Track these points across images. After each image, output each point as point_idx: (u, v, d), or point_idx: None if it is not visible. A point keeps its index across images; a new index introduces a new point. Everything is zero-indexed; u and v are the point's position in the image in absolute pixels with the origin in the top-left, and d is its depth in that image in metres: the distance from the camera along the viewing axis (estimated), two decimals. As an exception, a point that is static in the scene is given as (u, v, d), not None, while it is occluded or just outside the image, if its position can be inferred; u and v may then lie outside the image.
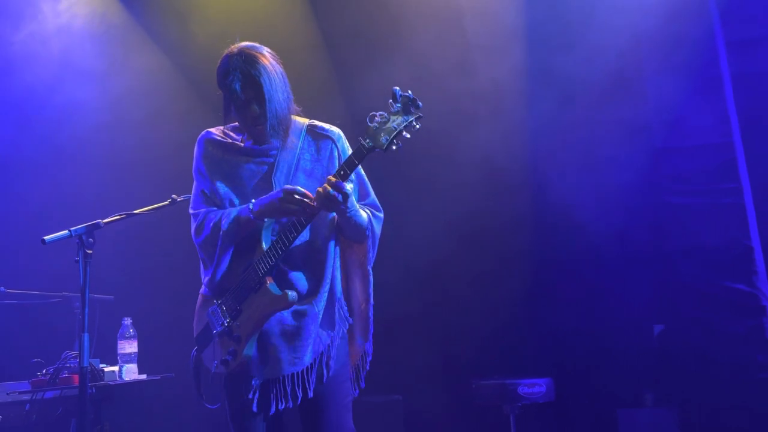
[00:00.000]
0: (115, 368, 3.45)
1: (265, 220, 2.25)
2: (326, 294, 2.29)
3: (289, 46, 4.65)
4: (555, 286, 4.36)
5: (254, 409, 2.25)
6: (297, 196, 2.16)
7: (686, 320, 3.99)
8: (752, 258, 3.77)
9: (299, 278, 2.29)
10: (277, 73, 2.27)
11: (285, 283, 2.26)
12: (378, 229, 2.39)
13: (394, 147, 2.08)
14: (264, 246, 2.24)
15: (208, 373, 2.37)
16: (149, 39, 4.72)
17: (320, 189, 2.14)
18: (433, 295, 4.54)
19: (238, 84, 2.22)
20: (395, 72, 4.12)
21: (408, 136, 2.08)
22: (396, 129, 2.06)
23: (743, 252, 3.79)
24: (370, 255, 2.39)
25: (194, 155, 2.45)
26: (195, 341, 2.47)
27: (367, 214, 2.34)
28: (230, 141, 2.40)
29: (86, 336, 2.38)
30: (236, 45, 2.31)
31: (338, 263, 2.36)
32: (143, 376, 3.53)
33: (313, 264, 2.30)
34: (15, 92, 4.44)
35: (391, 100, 2.08)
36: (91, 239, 2.40)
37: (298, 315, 2.26)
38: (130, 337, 3.51)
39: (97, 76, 4.56)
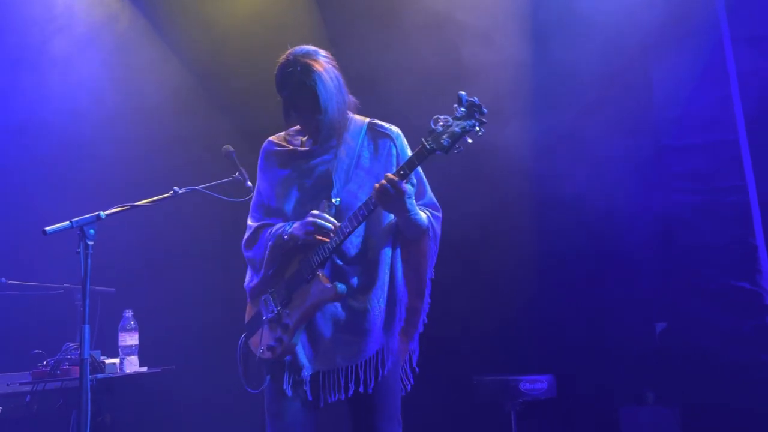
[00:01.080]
0: (116, 360, 3.45)
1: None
2: (382, 291, 2.32)
3: (294, 41, 4.67)
4: (557, 282, 4.34)
5: (309, 398, 2.29)
6: (318, 220, 2.23)
7: (689, 318, 3.98)
8: (756, 256, 3.75)
9: (353, 273, 2.32)
10: (332, 79, 2.31)
11: (338, 277, 2.30)
12: (438, 228, 2.42)
13: (455, 150, 2.12)
14: None
15: (254, 358, 2.42)
16: (153, 32, 4.71)
17: (378, 185, 2.18)
18: (433, 291, 4.52)
19: (293, 92, 2.29)
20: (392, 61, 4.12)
21: (470, 141, 2.12)
22: (459, 133, 2.10)
23: (747, 250, 3.77)
24: (431, 253, 2.42)
25: (258, 162, 2.55)
26: (245, 327, 2.52)
27: (427, 214, 2.37)
28: (289, 148, 2.48)
29: (87, 328, 2.37)
30: (291, 51, 2.35)
31: (398, 262, 2.39)
32: (144, 369, 3.53)
33: (368, 261, 2.34)
34: (17, 86, 4.44)
35: (456, 104, 2.11)
36: (92, 230, 2.39)
37: (353, 311, 2.30)
38: (131, 329, 3.51)
39: (100, 69, 4.56)
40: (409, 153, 2.42)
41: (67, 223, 2.39)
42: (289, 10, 4.61)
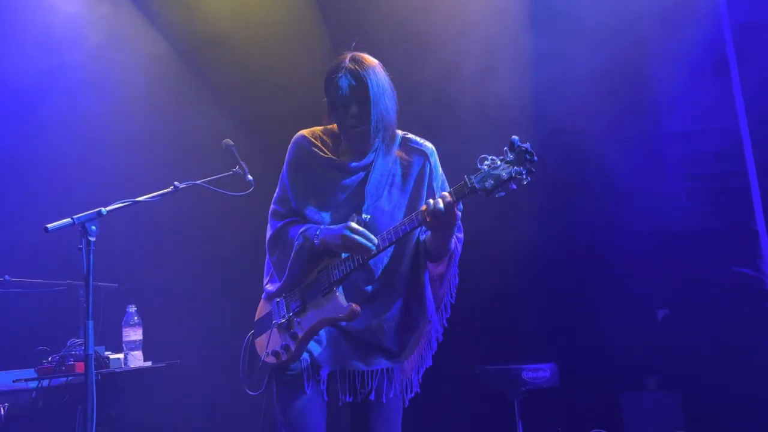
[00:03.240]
0: (121, 355, 3.47)
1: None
2: (401, 310, 2.29)
3: (294, 33, 4.64)
4: (558, 270, 4.35)
5: (325, 398, 2.28)
6: (358, 236, 2.15)
7: (690, 305, 3.99)
8: (757, 242, 3.76)
9: (375, 292, 2.28)
10: (385, 81, 2.27)
11: (355, 294, 2.26)
12: (459, 250, 2.38)
13: (497, 195, 2.05)
14: (344, 253, 2.24)
15: (258, 360, 2.40)
16: (150, 24, 4.69)
17: (429, 205, 2.11)
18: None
19: (344, 81, 2.22)
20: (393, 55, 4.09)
21: (515, 187, 2.03)
22: (505, 179, 2.02)
23: (748, 236, 3.77)
24: (447, 275, 2.37)
25: (286, 157, 2.43)
26: (254, 325, 2.49)
27: (454, 238, 2.32)
28: (324, 155, 2.35)
29: (91, 323, 2.38)
30: (347, 52, 2.31)
31: (426, 284, 2.34)
32: (148, 363, 3.54)
33: (392, 282, 2.29)
34: (16, 82, 4.43)
35: (506, 148, 2.04)
36: (93, 227, 2.40)
37: (369, 330, 2.27)
38: (134, 325, 3.52)
39: (99, 63, 4.54)
40: (441, 171, 2.42)
41: (68, 219, 2.39)
42: (290, 2, 4.59)
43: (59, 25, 4.49)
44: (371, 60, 2.28)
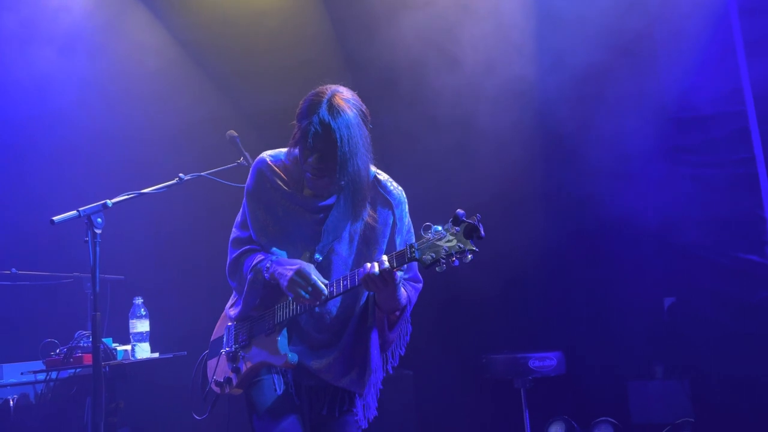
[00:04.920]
0: (128, 347, 3.48)
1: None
2: (349, 358, 2.20)
3: (297, 26, 4.62)
4: (565, 258, 4.34)
5: (297, 401, 2.21)
6: (304, 284, 2.04)
7: (697, 292, 3.98)
8: (765, 229, 3.73)
9: (323, 340, 2.20)
10: (359, 135, 2.05)
11: (307, 340, 2.19)
12: (414, 300, 2.27)
13: (437, 269, 1.92)
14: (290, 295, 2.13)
15: (207, 384, 2.40)
16: (155, 18, 4.67)
17: (367, 271, 1.98)
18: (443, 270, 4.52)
19: (311, 131, 2.01)
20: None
21: (457, 264, 1.90)
22: (444, 255, 1.89)
23: (756, 222, 3.75)
24: (401, 324, 2.28)
25: (248, 180, 2.28)
26: (210, 345, 2.48)
27: (407, 292, 2.21)
28: (286, 189, 2.20)
29: (98, 315, 2.39)
30: (332, 86, 2.10)
31: (365, 333, 2.22)
32: (155, 355, 3.55)
33: (339, 329, 2.20)
34: (21, 76, 4.43)
35: (451, 221, 1.90)
36: (99, 219, 2.40)
37: (322, 371, 2.19)
38: (141, 317, 3.53)
39: (102, 56, 4.54)
40: (408, 222, 2.27)
41: (74, 212, 2.40)
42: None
43: (63, 18, 4.48)
44: (348, 108, 2.04)
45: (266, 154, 2.27)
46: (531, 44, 4.14)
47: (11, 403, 3.17)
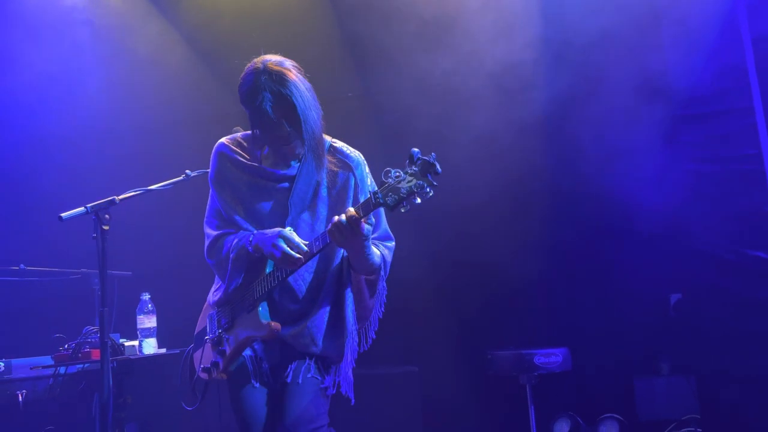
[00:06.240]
0: (135, 343, 3.50)
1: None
2: (327, 324, 2.25)
3: (303, 20, 4.62)
4: (571, 254, 4.34)
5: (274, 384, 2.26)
6: (287, 246, 2.11)
7: (704, 288, 3.97)
8: (771, 225, 3.73)
9: (299, 310, 2.25)
10: (306, 90, 2.16)
11: (284, 313, 2.24)
12: (389, 259, 2.32)
13: (402, 210, 1.96)
14: (267, 269, 2.22)
15: (194, 374, 2.45)
16: (161, 16, 4.69)
17: (334, 221, 2.04)
18: (448, 267, 4.53)
19: (269, 105, 2.11)
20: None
21: (419, 201, 1.94)
22: (405, 194, 1.93)
23: (762, 219, 3.74)
24: (379, 287, 2.33)
25: (210, 167, 2.38)
26: (194, 338, 2.52)
27: (380, 251, 2.27)
28: (249, 162, 2.30)
29: (106, 311, 2.41)
30: (260, 59, 2.19)
31: (349, 300, 2.28)
32: (163, 350, 3.58)
33: (316, 297, 2.26)
34: (29, 74, 4.45)
35: (407, 161, 1.94)
36: (107, 215, 2.42)
37: (300, 344, 2.24)
38: (148, 312, 3.55)
39: (111, 54, 4.56)
40: (370, 182, 2.32)
41: (82, 208, 2.42)
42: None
43: (70, 15, 4.50)
44: (289, 71, 2.15)
45: (223, 138, 2.40)
46: (536, 43, 4.14)
47: (20, 398, 3.20)
